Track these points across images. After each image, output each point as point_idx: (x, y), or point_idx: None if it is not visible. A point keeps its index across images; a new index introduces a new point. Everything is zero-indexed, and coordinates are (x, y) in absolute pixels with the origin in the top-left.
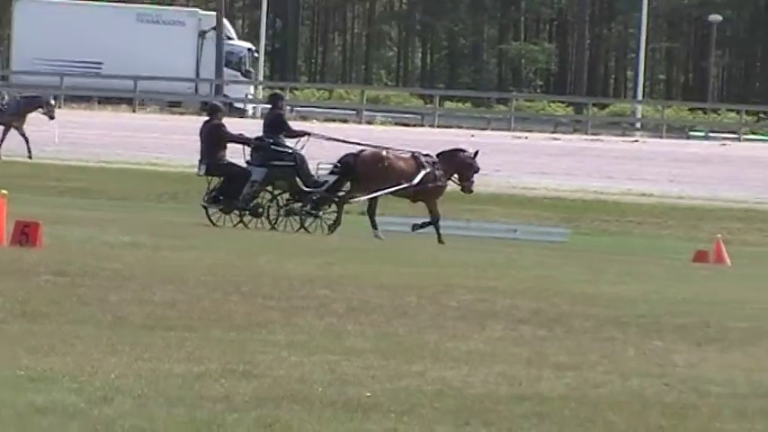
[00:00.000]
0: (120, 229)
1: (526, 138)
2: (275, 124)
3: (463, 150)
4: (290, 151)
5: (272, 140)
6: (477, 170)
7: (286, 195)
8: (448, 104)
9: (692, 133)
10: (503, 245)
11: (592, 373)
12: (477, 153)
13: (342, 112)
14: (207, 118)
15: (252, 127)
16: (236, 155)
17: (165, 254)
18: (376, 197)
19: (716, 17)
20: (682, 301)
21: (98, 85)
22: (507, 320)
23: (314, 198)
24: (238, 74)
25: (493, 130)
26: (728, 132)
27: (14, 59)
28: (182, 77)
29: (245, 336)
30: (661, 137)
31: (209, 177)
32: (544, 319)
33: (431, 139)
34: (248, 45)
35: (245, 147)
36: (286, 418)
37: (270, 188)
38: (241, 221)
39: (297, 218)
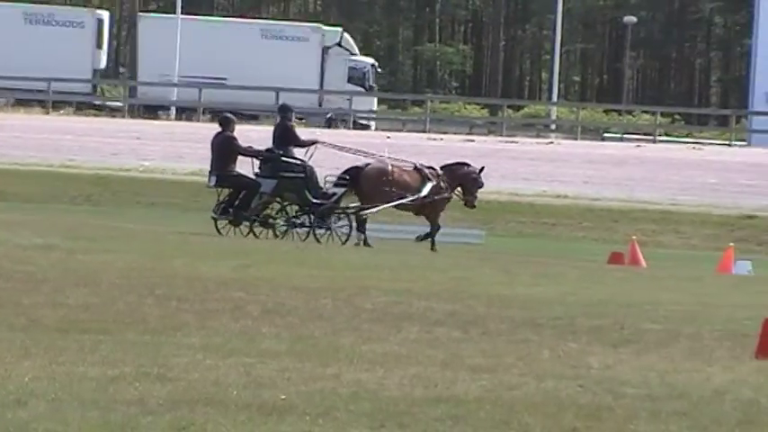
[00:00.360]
0: (34, 232)
1: (441, 139)
2: (285, 136)
3: (468, 164)
4: (300, 163)
5: (282, 152)
6: (481, 185)
7: (295, 207)
8: None
9: (606, 135)
10: (418, 247)
11: (507, 375)
12: (482, 169)
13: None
14: (219, 129)
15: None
16: (245, 166)
17: (79, 256)
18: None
19: (630, 19)
20: (597, 303)
21: (228, 99)
22: (422, 323)
23: (322, 210)
24: (361, 89)
25: (408, 131)
26: (643, 134)
27: (140, 74)
28: (309, 89)
29: (159, 339)
30: (576, 138)
31: (219, 189)
32: (459, 321)
33: (347, 140)
34: (371, 61)
35: (255, 159)
36: (201, 421)
37: (279, 199)
38: (251, 232)
39: (304, 230)
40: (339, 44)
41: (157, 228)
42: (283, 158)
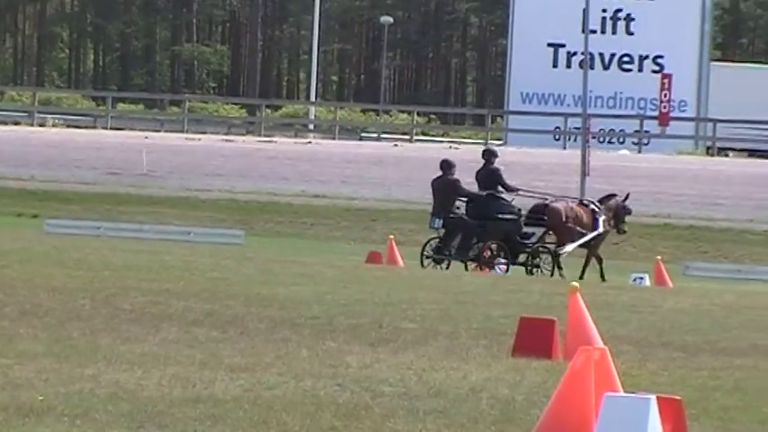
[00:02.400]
0: None
1: (199, 139)
2: (491, 178)
3: (616, 195)
4: (512, 203)
5: (499, 196)
6: (629, 212)
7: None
8: (121, 106)
9: (364, 134)
10: (177, 247)
11: (266, 375)
12: (627, 196)
13: (13, 114)
14: (440, 173)
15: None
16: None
17: None
18: (580, 245)
19: (387, 19)
20: (355, 302)
21: None
22: (181, 323)
23: (527, 249)
24: None
25: (166, 131)
26: (400, 133)
27: None
28: None
29: None
30: (334, 138)
31: (440, 230)
32: (218, 320)
33: (104, 141)
34: None
35: (472, 200)
36: None
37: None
38: (465, 267)
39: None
40: None
41: None
42: (503, 201)
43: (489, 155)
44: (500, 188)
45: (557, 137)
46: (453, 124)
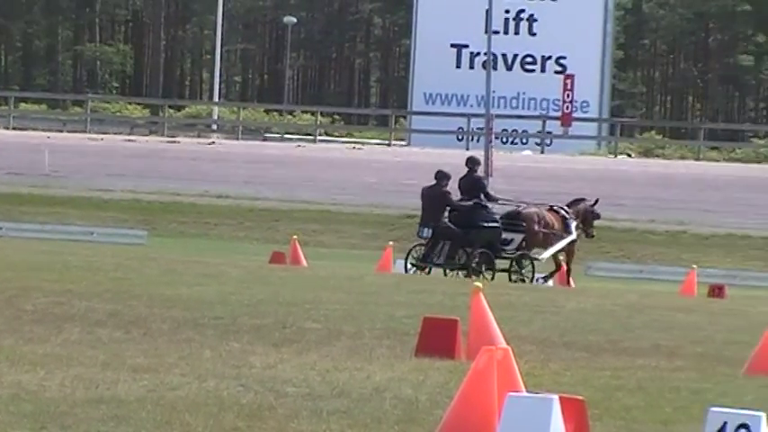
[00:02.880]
0: None
1: (102, 140)
2: (475, 187)
3: (585, 199)
4: (494, 212)
5: (485, 205)
6: (597, 217)
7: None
8: (23, 106)
9: (267, 135)
10: (80, 247)
11: (169, 376)
12: (596, 201)
13: None
14: (433, 182)
15: None
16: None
17: None
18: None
19: (290, 19)
20: (259, 303)
21: None
22: (84, 323)
23: (507, 256)
24: None
25: (69, 132)
26: (304, 134)
27: None
28: None
29: None
30: (237, 138)
31: (429, 239)
32: (121, 321)
33: (5, 141)
34: None
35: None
36: None
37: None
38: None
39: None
40: None
41: None
42: (486, 210)
43: (473, 163)
44: (482, 196)
45: (460, 137)
46: (357, 125)
